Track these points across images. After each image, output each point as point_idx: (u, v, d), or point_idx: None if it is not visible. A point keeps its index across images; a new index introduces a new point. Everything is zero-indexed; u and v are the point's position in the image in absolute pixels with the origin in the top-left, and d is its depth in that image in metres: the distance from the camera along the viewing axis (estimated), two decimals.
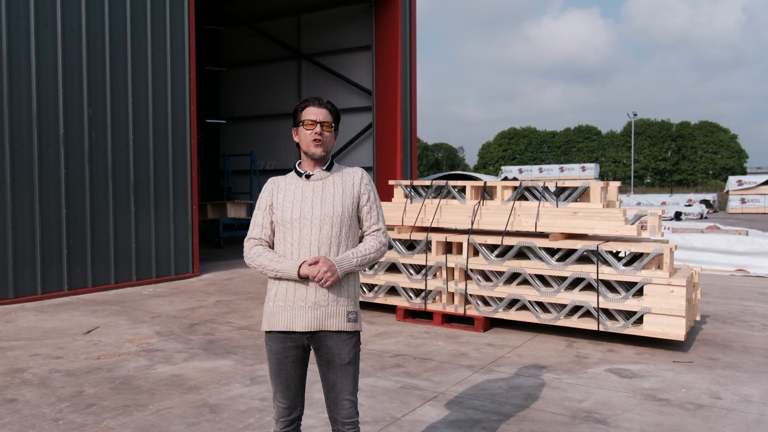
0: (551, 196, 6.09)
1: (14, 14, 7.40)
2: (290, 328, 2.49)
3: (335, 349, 2.50)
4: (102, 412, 3.89)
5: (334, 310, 2.51)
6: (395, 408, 3.98)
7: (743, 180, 34.15)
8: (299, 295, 2.50)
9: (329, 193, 2.57)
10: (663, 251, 5.31)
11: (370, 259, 2.58)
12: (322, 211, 2.53)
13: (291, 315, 2.50)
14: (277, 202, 2.60)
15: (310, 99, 2.64)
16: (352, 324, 2.54)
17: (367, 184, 2.64)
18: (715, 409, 4.01)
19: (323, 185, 2.59)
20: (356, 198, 2.60)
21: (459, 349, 5.39)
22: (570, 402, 4.11)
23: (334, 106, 2.65)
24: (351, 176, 2.64)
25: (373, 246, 2.60)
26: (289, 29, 16.90)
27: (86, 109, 8.17)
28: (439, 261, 6.30)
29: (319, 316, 2.49)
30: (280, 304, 2.52)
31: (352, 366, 2.53)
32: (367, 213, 2.64)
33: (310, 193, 2.57)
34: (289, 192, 2.60)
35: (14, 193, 7.43)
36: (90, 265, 8.19)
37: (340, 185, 2.60)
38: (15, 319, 6.54)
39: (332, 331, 2.50)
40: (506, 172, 39.93)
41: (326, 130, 2.57)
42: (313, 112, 2.58)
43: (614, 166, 76.70)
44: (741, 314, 6.96)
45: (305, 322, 2.48)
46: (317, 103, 2.61)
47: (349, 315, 2.54)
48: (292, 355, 2.53)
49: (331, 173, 2.63)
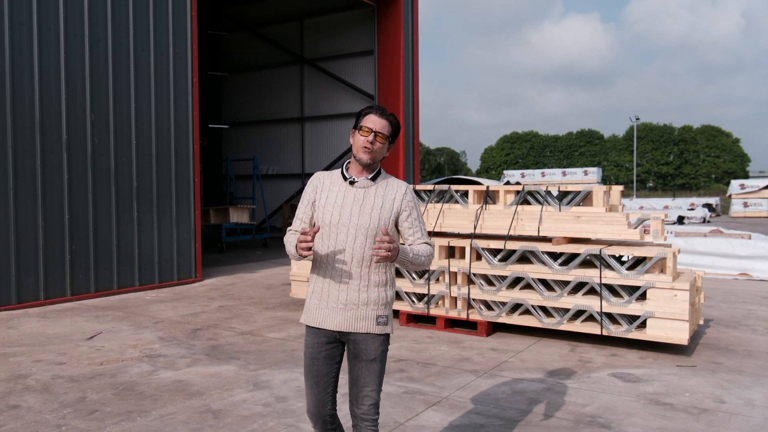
0: (554, 201, 6.09)
1: (17, 20, 7.43)
2: (322, 325, 2.60)
3: (362, 344, 2.58)
4: (105, 418, 3.89)
5: (363, 313, 2.58)
6: (399, 413, 3.97)
7: (746, 184, 34.08)
8: (332, 296, 2.59)
9: (369, 204, 2.59)
10: (666, 255, 5.30)
11: (421, 262, 2.62)
12: (359, 221, 2.56)
13: (324, 314, 2.60)
14: (320, 201, 2.65)
15: (374, 107, 2.66)
16: (381, 327, 2.60)
17: (410, 201, 2.64)
18: (719, 413, 3.99)
19: (365, 194, 2.61)
20: (395, 213, 2.62)
21: (462, 354, 5.38)
22: (574, 406, 4.10)
23: (396, 120, 2.67)
24: (394, 190, 2.64)
25: (425, 250, 2.64)
26: (292, 34, 16.95)
27: (89, 115, 8.20)
28: (441, 265, 6.30)
29: (349, 318, 2.57)
30: (315, 302, 2.63)
31: (377, 363, 2.60)
32: (409, 228, 2.66)
33: (351, 200, 2.60)
34: (332, 194, 2.63)
35: (17, 199, 7.45)
36: (93, 271, 8.20)
37: (381, 197, 2.61)
38: (18, 325, 6.55)
39: (361, 332, 2.57)
40: (509, 176, 39.93)
41: (379, 141, 2.59)
42: (373, 120, 2.60)
43: (617, 170, 76.63)
44: (744, 318, 6.94)
45: (336, 322, 2.58)
46: (379, 113, 2.63)
47: (379, 318, 2.60)
48: (325, 350, 2.62)
49: (376, 183, 2.64)
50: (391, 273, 2.67)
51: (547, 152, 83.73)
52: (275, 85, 17.44)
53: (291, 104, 17.09)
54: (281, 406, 4.09)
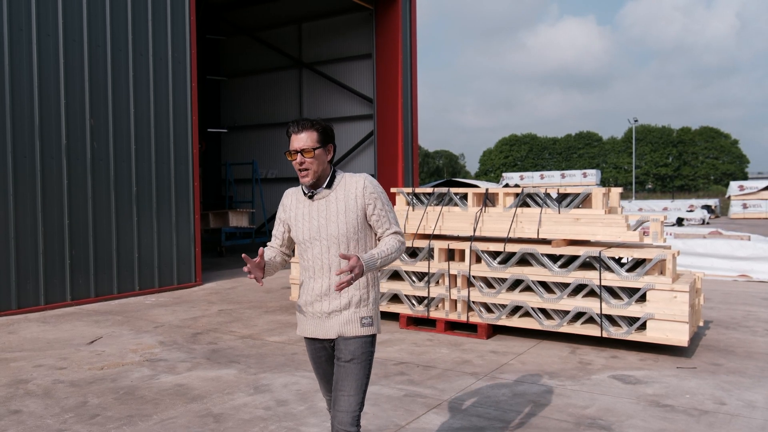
0: (553, 203, 6.10)
1: (16, 26, 7.45)
2: (314, 336, 2.64)
3: (342, 344, 2.57)
4: (106, 422, 3.89)
5: (347, 316, 2.57)
6: (399, 416, 3.97)
7: (745, 185, 34.11)
8: (316, 308, 2.61)
9: (333, 212, 2.56)
10: (666, 257, 5.31)
11: (392, 258, 2.59)
12: (329, 231, 2.55)
13: (314, 324, 2.63)
14: (290, 221, 2.68)
15: (291, 124, 2.54)
16: (367, 328, 2.59)
17: (371, 193, 2.57)
18: (719, 414, 4.00)
19: (327, 204, 2.57)
20: (362, 210, 2.57)
21: (462, 357, 5.38)
22: (574, 408, 4.10)
23: (317, 123, 2.53)
24: (353, 188, 2.57)
25: (393, 245, 2.58)
26: (290, 38, 16.97)
27: (88, 120, 8.21)
28: (441, 268, 6.31)
29: (334, 325, 2.58)
30: (301, 315, 2.68)
31: (354, 365, 2.52)
32: (377, 221, 2.61)
33: (315, 213, 2.58)
34: (299, 211, 2.63)
35: (17, 204, 7.45)
36: (93, 276, 8.20)
37: (343, 201, 2.56)
38: (18, 330, 6.55)
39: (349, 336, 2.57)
40: (507, 179, 39.97)
41: (308, 156, 2.49)
42: (293, 140, 2.51)
43: (615, 172, 76.69)
44: (744, 319, 6.94)
45: (324, 331, 2.60)
46: (295, 127, 2.51)
47: (363, 320, 2.59)
48: (324, 354, 2.69)
49: (333, 189, 2.58)
50: (373, 274, 2.65)
51: (545, 154, 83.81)
52: (274, 89, 17.45)
53: (290, 108, 17.09)
54: (282, 409, 4.09)
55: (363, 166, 15.66)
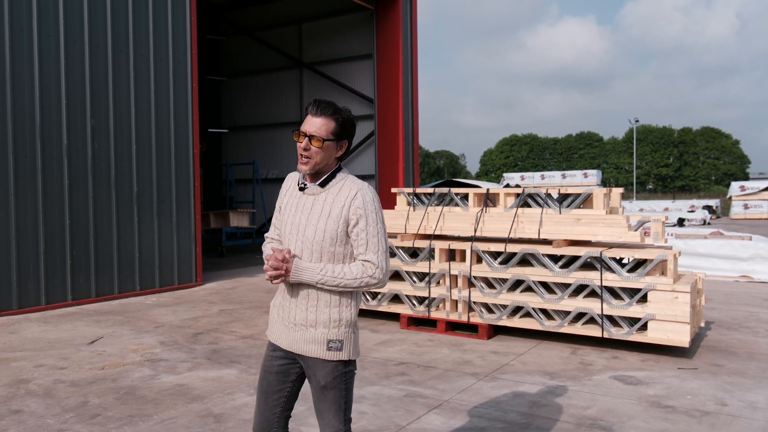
0: (554, 203, 6.10)
1: (17, 27, 7.45)
2: (277, 342, 2.38)
3: (313, 368, 2.29)
4: (107, 422, 3.89)
5: (312, 335, 2.27)
6: (400, 416, 3.97)
7: (746, 185, 34.07)
8: (286, 312, 2.34)
9: (316, 213, 2.26)
10: (667, 257, 5.31)
11: (342, 285, 2.21)
12: (305, 233, 2.26)
13: (279, 330, 2.36)
14: (282, 207, 2.42)
15: (313, 102, 2.26)
16: (333, 353, 2.25)
17: (358, 207, 2.22)
18: (721, 415, 3.99)
19: (314, 202, 2.29)
20: (344, 222, 2.23)
21: (463, 357, 5.38)
22: (575, 409, 4.10)
23: (340, 115, 2.25)
24: (345, 196, 2.24)
25: (353, 272, 2.21)
26: (291, 38, 16.97)
27: (89, 120, 8.21)
28: (442, 268, 6.30)
29: (298, 339, 2.29)
30: (274, 316, 2.41)
31: (332, 391, 2.26)
32: (354, 240, 2.24)
33: (300, 209, 2.31)
34: (291, 199, 2.38)
35: (18, 204, 7.45)
36: (93, 276, 8.20)
37: (330, 205, 2.25)
38: (19, 330, 6.55)
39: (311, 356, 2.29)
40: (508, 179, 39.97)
41: (315, 145, 2.20)
42: (307, 121, 2.23)
43: (616, 173, 76.70)
44: (746, 320, 6.94)
45: (287, 342, 2.33)
46: (316, 109, 2.23)
47: (330, 343, 2.25)
48: (278, 365, 2.36)
49: (326, 189, 2.28)
50: (352, 293, 2.32)
51: (546, 155, 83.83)
52: (274, 89, 17.45)
53: (290, 108, 17.10)
54: None
55: (364, 166, 15.67)
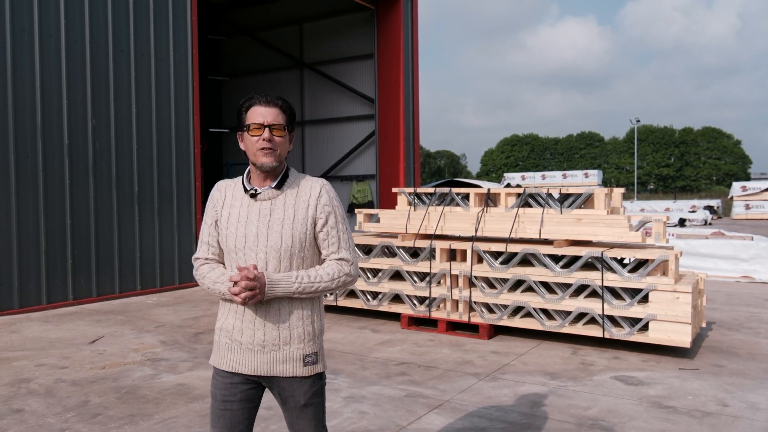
0: (555, 203, 6.09)
1: (18, 26, 7.46)
2: (237, 370, 2.14)
3: (289, 390, 2.14)
4: (108, 421, 3.89)
5: (287, 353, 2.12)
6: (400, 416, 3.97)
7: (747, 186, 34.04)
8: (247, 335, 2.12)
9: (277, 219, 2.10)
10: (668, 258, 5.30)
11: (320, 289, 2.11)
12: (269, 242, 2.08)
13: (238, 356, 2.14)
14: (222, 221, 2.17)
15: (255, 97, 2.14)
16: (311, 368, 2.16)
17: (325, 205, 2.14)
18: (722, 416, 3.99)
19: (271, 207, 2.12)
20: (311, 223, 2.12)
21: (464, 357, 5.38)
22: (576, 409, 4.09)
23: (287, 103, 2.16)
24: (307, 195, 2.14)
25: (329, 273, 2.12)
26: (291, 38, 16.97)
27: (90, 120, 8.21)
28: (443, 268, 6.30)
29: (269, 361, 2.12)
30: (226, 341, 2.17)
31: (311, 408, 2.16)
32: (323, 240, 2.15)
33: (255, 217, 2.11)
34: (234, 210, 2.15)
35: (19, 204, 7.46)
36: (94, 275, 8.21)
37: (292, 208, 2.12)
38: (20, 330, 6.56)
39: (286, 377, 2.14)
40: (509, 179, 39.97)
41: (277, 135, 2.09)
42: (260, 112, 2.09)
43: (617, 173, 76.67)
44: (747, 321, 6.93)
45: (253, 366, 2.12)
46: (265, 100, 2.11)
47: (307, 358, 2.14)
48: (241, 392, 2.16)
49: (283, 191, 2.14)
50: (319, 300, 2.21)
51: (547, 155, 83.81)
52: (275, 89, 17.45)
53: None
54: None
55: (364, 166, 15.67)
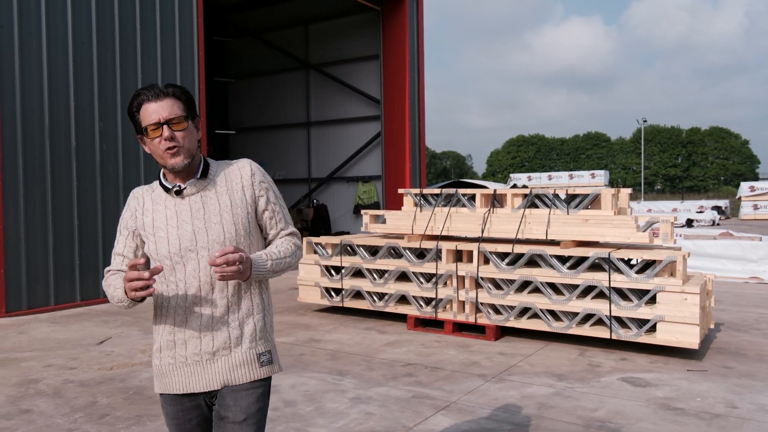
0: (562, 204, 6.07)
1: (26, 30, 7.50)
2: (187, 390, 1.97)
3: (234, 400, 1.94)
4: (116, 422, 3.91)
5: (240, 356, 1.95)
6: (407, 417, 3.96)
7: (756, 186, 33.80)
8: (193, 348, 1.94)
9: (213, 210, 1.94)
10: (676, 258, 5.27)
11: (286, 265, 2.00)
12: (209, 238, 1.91)
13: (187, 374, 1.96)
14: (147, 229, 1.97)
15: (142, 92, 1.89)
16: (268, 368, 1.99)
17: (261, 181, 2.01)
18: (731, 418, 3.96)
19: (203, 200, 1.95)
20: (251, 204, 1.99)
21: (470, 358, 5.37)
22: (583, 411, 4.08)
23: (179, 88, 1.93)
24: (238, 177, 1.99)
25: (288, 249, 2.01)
26: (297, 40, 17.00)
27: (97, 122, 8.25)
28: (449, 269, 6.29)
29: (222, 370, 1.94)
30: (169, 362, 1.98)
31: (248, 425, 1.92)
32: (270, 218, 2.03)
33: (187, 215, 1.93)
34: (159, 214, 1.96)
35: (27, 205, 7.50)
36: (102, 276, 8.24)
37: (226, 194, 1.96)
38: (28, 330, 6.59)
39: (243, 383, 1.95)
40: (515, 179, 39.89)
41: (178, 129, 1.87)
42: (153, 109, 1.86)
43: (624, 173, 76.38)
44: (756, 322, 6.89)
45: (205, 381, 1.95)
46: (153, 94, 1.87)
47: (261, 357, 1.97)
48: (196, 416, 2.01)
49: (210, 179, 1.97)
50: (267, 294, 2.08)
51: (553, 155, 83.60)
52: (281, 90, 17.48)
53: (297, 109, 17.13)
54: (290, 410, 4.09)
55: (370, 167, 15.69)
